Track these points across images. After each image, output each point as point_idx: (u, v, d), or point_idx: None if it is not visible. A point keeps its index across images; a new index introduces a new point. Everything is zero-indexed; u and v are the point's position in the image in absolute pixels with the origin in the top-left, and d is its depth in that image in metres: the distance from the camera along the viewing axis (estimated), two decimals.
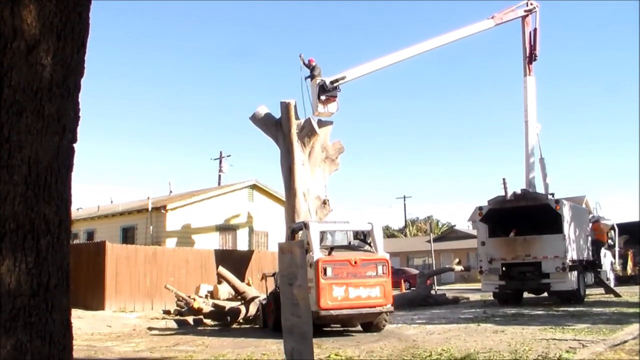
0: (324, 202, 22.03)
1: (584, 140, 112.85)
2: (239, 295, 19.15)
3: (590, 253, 25.51)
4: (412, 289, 24.18)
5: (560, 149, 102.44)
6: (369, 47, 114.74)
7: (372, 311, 14.52)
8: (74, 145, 3.46)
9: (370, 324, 15.17)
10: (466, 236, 56.39)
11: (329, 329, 15.78)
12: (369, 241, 16.15)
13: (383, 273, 14.64)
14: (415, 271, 43.30)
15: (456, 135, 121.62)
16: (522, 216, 23.00)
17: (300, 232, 15.43)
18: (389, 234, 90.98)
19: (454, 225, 72.00)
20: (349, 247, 16.24)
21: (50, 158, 3.25)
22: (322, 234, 15.44)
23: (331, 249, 14.76)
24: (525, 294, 24.66)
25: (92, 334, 15.88)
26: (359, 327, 15.55)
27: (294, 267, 7.67)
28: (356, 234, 17.20)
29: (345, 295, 14.07)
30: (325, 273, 13.65)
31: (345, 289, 14.11)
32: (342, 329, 15.83)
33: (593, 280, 25.59)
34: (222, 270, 19.03)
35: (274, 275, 17.39)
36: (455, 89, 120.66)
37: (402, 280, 38.55)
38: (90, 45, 3.57)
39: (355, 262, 14.35)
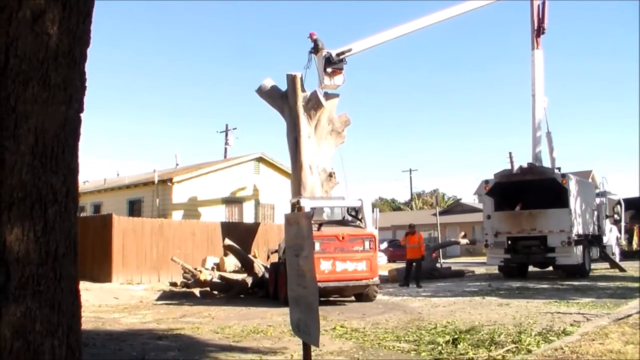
0: (330, 175, 21.96)
1: (592, 114, 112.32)
2: (245, 267, 19.28)
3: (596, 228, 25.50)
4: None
5: (568, 123, 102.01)
6: (375, 20, 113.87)
7: (358, 284, 15.08)
8: (81, 115, 3.46)
9: (361, 294, 15.77)
10: (472, 210, 56.40)
11: (334, 299, 16.01)
12: (360, 217, 16.46)
13: (370, 248, 15.08)
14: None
15: (463, 108, 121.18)
16: (528, 190, 22.97)
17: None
18: (394, 207, 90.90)
19: (460, 199, 71.92)
20: (340, 223, 16.60)
21: (56, 128, 3.25)
22: (315, 209, 15.81)
23: (320, 224, 15.13)
24: (531, 268, 24.68)
25: (99, 305, 15.99)
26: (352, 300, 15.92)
27: (300, 239, 7.53)
28: (348, 210, 17.53)
29: (333, 268, 14.58)
30: (313, 248, 13.84)
31: (332, 263, 14.60)
32: (340, 299, 16.18)
33: (598, 254, 25.58)
34: (228, 242, 19.05)
35: (275, 251, 18.24)
36: (463, 62, 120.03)
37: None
38: (95, 16, 3.54)
39: (343, 237, 14.82)
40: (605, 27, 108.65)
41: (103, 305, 16.16)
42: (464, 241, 31.90)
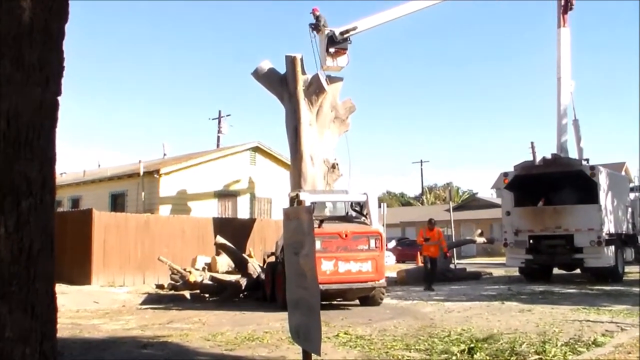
0: (333, 167, 21.92)
1: (625, 99, 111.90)
2: (239, 267, 19.25)
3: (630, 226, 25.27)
4: None
5: (598, 110, 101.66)
6: None
7: (363, 286, 15.14)
8: (58, 98, 3.39)
9: (367, 298, 15.83)
10: (489, 205, 56.32)
11: (337, 302, 16.03)
12: (365, 213, 16.47)
13: (375, 247, 15.12)
14: None
15: (479, 95, 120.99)
16: (552, 184, 22.89)
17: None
18: (404, 201, 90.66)
19: (476, 193, 71.86)
20: (343, 219, 16.60)
21: (32, 112, 3.18)
22: (316, 204, 15.66)
23: (321, 220, 15.10)
24: (555, 270, 24.55)
25: (77, 310, 15.89)
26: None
27: (300, 235, 7.47)
28: (352, 205, 17.54)
29: (335, 269, 14.62)
30: (314, 245, 13.84)
31: (334, 263, 14.64)
32: (343, 302, 16.19)
33: (633, 256, 25.36)
34: (221, 240, 19.01)
35: (272, 253, 18.22)
36: (478, 45, 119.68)
37: (419, 253, 38.32)
38: None
39: (346, 235, 14.87)
40: None
41: (81, 310, 16.10)
42: (480, 240, 31.86)
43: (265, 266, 18.55)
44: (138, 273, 21.58)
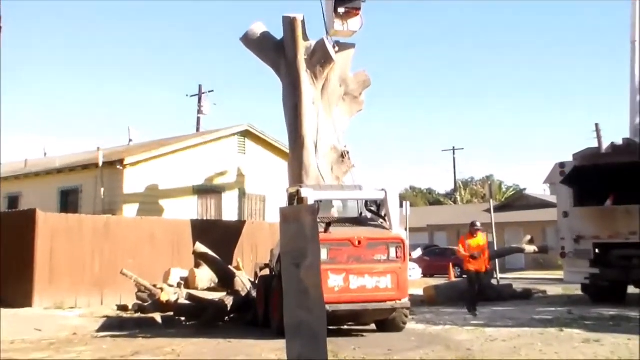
0: (342, 155, 21.77)
1: None
2: (224, 282, 19.21)
3: None
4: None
5: None
6: None
7: (380, 307, 15.08)
8: None
9: (386, 321, 15.79)
10: (541, 204, 55.96)
11: (348, 327, 16.00)
12: (384, 213, 16.50)
13: (397, 257, 15.09)
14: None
15: (528, 69, 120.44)
16: (623, 177, 22.39)
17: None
18: (431, 199, 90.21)
19: (524, 189, 71.50)
20: (356, 221, 16.70)
21: None
22: (322, 203, 15.74)
23: (328, 223, 15.10)
24: (631, 289, 23.84)
25: (12, 342, 15.41)
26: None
27: (302, 242, 7.68)
28: (367, 204, 17.50)
29: (345, 285, 14.56)
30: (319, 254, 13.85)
31: (344, 278, 14.57)
32: (356, 327, 16.12)
33: None
34: (201, 248, 18.93)
35: (266, 266, 18.32)
36: (524, 12, 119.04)
37: (451, 265, 39.22)
38: None
39: (359, 242, 14.85)
40: None
41: (18, 340, 15.69)
42: (530, 248, 31.47)
43: (257, 281, 18.46)
44: (95, 291, 21.24)
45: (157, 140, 32.11)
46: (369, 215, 17.28)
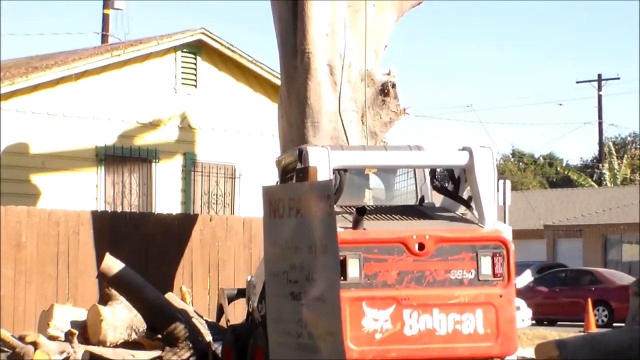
0: (385, 90, 16.90)
1: None
2: (157, 329, 14.43)
3: None
4: (618, 325, 22.29)
5: None
6: None
7: None
8: None
9: None
10: None
11: None
12: (466, 196, 12.65)
13: (495, 274, 11.29)
14: (625, 277, 33.93)
15: None
16: None
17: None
18: (553, 177, 69.75)
19: None
20: (414, 212, 12.73)
21: None
22: (342, 177, 11.97)
23: (360, 210, 11.17)
24: None
25: None
26: None
27: (306, 252, 6.61)
28: (436, 178, 13.32)
29: (396, 329, 10.99)
30: (343, 273, 10.74)
31: (394, 314, 10.99)
32: None
33: None
34: (114, 265, 13.99)
35: (238, 296, 15.03)
36: None
37: (590, 302, 29.00)
38: None
39: (422, 246, 11.09)
40: None
41: None
42: None
43: (227, 327, 14.25)
44: None
45: (25, 58, 24.88)
46: (431, 202, 13.23)
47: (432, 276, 11.03)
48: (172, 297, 15.22)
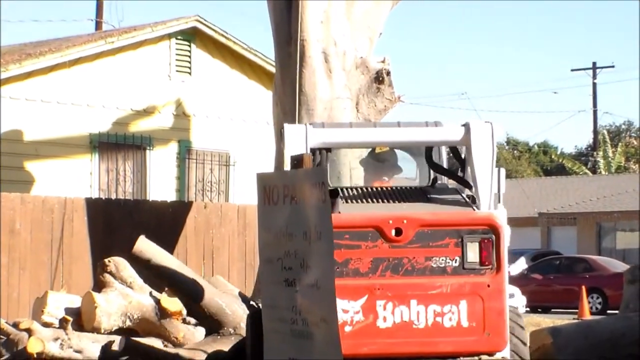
0: (379, 77, 17.14)
1: None
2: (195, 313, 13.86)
3: None
4: (612, 312, 22.29)
5: None
6: None
7: None
8: None
9: None
10: None
11: None
12: (463, 175, 11.90)
13: (483, 262, 10.39)
14: (619, 265, 33.52)
15: None
16: None
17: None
18: (548, 164, 70.37)
19: None
20: (414, 193, 11.81)
21: None
22: (323, 157, 11.47)
23: (333, 192, 9.40)
24: None
25: None
26: None
27: (300, 239, 6.31)
28: (432, 157, 12.50)
29: (369, 322, 10.29)
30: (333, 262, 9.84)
31: (367, 305, 10.36)
32: None
33: None
34: (148, 247, 13.49)
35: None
36: None
37: (584, 290, 29.58)
38: None
39: (399, 231, 10.23)
40: None
41: None
42: None
43: (248, 318, 12.71)
44: None
45: (19, 45, 25.29)
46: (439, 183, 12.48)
47: (410, 264, 10.34)
48: (217, 280, 15.04)
